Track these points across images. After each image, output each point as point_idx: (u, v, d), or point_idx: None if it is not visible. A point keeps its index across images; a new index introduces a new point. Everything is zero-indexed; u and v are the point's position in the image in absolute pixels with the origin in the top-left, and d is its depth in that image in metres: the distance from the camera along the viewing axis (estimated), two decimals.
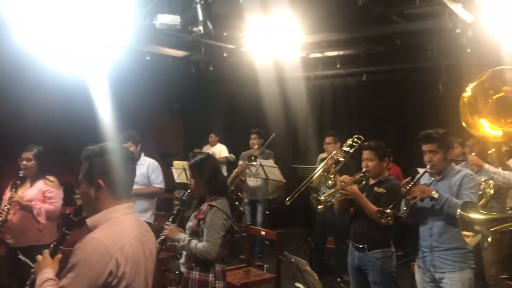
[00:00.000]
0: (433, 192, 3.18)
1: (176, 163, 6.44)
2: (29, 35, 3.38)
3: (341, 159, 5.05)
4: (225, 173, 7.37)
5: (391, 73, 8.03)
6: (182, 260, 3.31)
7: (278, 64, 7.41)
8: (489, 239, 1.67)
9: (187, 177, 5.72)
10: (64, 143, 6.43)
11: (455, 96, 4.79)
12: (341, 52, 7.95)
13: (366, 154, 3.80)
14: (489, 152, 4.12)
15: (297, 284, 4.30)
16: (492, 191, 4.05)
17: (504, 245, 4.31)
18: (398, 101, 8.00)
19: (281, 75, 8.06)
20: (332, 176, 4.80)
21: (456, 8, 5.02)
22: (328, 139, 5.66)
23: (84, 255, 1.79)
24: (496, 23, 5.18)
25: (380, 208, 3.47)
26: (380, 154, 3.79)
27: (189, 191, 3.39)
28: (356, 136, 5.11)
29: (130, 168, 2.04)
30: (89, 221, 1.93)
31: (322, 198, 4.00)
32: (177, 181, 6.42)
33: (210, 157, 3.49)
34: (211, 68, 7.96)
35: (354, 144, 5.05)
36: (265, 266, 5.89)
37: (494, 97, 3.85)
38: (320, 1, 4.87)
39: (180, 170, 6.24)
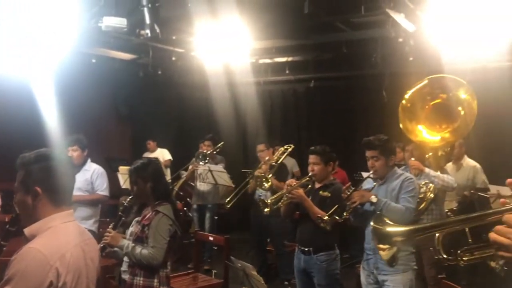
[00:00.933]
0: (372, 197, 3.29)
1: (122, 168, 6.31)
2: None
3: (274, 163, 5.35)
4: (169, 176, 7.27)
5: (338, 79, 8.24)
6: (123, 268, 3.25)
7: (228, 69, 7.42)
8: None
9: None
10: (5, 148, 6.15)
11: (398, 102, 4.96)
12: (290, 58, 8.08)
13: (312, 158, 3.89)
14: (427, 156, 4.29)
15: None
16: (432, 195, 4.22)
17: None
18: (344, 107, 8.22)
19: (231, 80, 8.08)
20: (269, 179, 5.02)
21: (399, 18, 5.22)
22: (261, 147, 5.77)
23: (22, 266, 1.71)
24: (436, 33, 5.44)
25: (319, 215, 3.56)
26: (326, 158, 3.90)
27: (131, 197, 3.33)
28: (287, 145, 5.65)
29: (69, 174, 1.98)
30: (27, 230, 1.86)
31: (269, 201, 4.04)
32: (123, 187, 6.29)
33: (152, 161, 3.44)
34: (159, 72, 7.86)
35: (285, 150, 5.53)
36: (214, 271, 5.87)
37: (431, 103, 4.02)
38: (268, 9, 4.92)
39: (126, 176, 6.08)
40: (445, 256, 1.22)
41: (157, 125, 9.13)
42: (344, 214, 3.47)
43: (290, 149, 5.58)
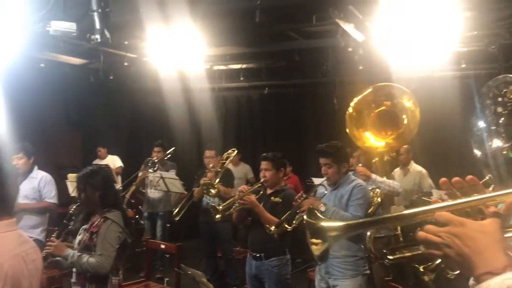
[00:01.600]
0: (321, 205, 3.37)
1: (71, 176, 6.14)
2: None
3: (219, 169, 5.42)
4: (120, 183, 7.15)
5: (291, 87, 8.37)
6: (73, 279, 3.16)
7: (182, 75, 7.39)
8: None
9: None
10: None
11: (348, 110, 5.12)
12: (244, 65, 8.13)
13: (264, 164, 3.94)
14: (373, 161, 4.44)
15: None
16: (379, 199, 4.36)
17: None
18: (297, 114, 8.36)
19: (185, 86, 8.04)
20: (215, 186, 5.08)
21: (348, 28, 5.36)
22: (208, 153, 5.79)
23: None
24: (384, 43, 5.63)
25: (266, 225, 3.61)
26: (277, 164, 3.95)
27: (77, 204, 3.26)
28: (231, 149, 5.77)
29: (9, 183, 1.93)
30: None
31: (220, 207, 4.06)
32: (72, 194, 6.11)
33: (102, 168, 3.40)
34: (111, 77, 7.72)
35: (229, 156, 5.64)
36: (166, 279, 5.80)
37: (376, 111, 4.17)
38: (221, 16, 4.95)
39: (75, 183, 5.94)
40: (373, 254, 1.23)
41: (108, 131, 8.96)
42: (294, 222, 3.53)
43: (234, 154, 5.71)
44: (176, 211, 5.73)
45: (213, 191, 5.04)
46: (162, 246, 4.61)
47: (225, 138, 8.59)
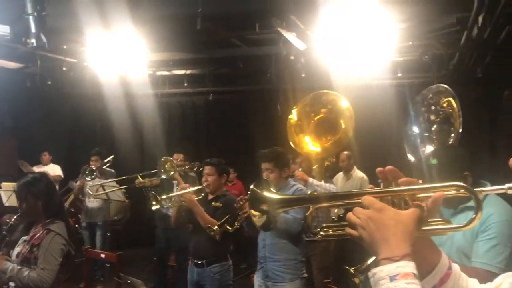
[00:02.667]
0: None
1: (5, 184, 5.87)
2: None
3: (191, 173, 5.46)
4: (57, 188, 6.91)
5: (235, 93, 8.41)
6: None
7: (124, 80, 7.26)
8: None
9: None
10: None
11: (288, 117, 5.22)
12: (188, 71, 8.09)
13: (207, 169, 3.96)
14: (314, 167, 4.55)
15: None
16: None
17: (329, 253, 4.77)
18: (242, 120, 8.41)
19: (127, 91, 7.90)
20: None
21: (290, 37, 5.48)
22: (178, 156, 5.77)
23: None
24: (325, 52, 5.79)
25: (209, 225, 3.61)
26: (220, 170, 3.97)
27: (18, 214, 3.09)
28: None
29: None
30: None
31: (163, 197, 4.02)
32: (6, 204, 5.84)
33: (44, 176, 3.20)
34: (49, 82, 7.45)
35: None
36: None
37: (316, 118, 4.29)
38: (163, 21, 4.92)
39: (9, 193, 5.68)
40: (310, 233, 1.29)
41: (47, 138, 8.60)
42: (235, 224, 3.55)
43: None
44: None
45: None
46: (102, 256, 4.47)
47: (168, 145, 8.48)
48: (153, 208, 4.07)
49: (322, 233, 1.24)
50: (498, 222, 2.02)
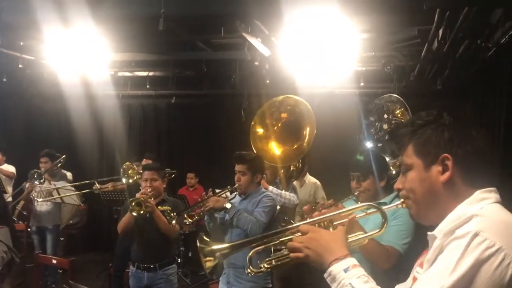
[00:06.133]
0: (227, 204, 3.37)
1: None
2: None
3: None
4: (10, 193, 6.64)
5: (199, 97, 8.33)
6: None
7: (85, 80, 7.06)
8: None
9: None
10: None
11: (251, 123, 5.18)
12: (151, 73, 7.96)
13: (147, 174, 3.91)
14: (281, 172, 4.53)
15: None
16: (278, 207, 4.43)
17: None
18: (205, 124, 8.34)
19: (87, 92, 7.69)
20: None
21: (255, 42, 5.45)
22: (147, 162, 5.77)
23: None
24: (289, 59, 5.80)
25: (167, 209, 3.70)
26: (163, 174, 4.01)
27: None
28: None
29: None
30: None
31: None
32: None
33: None
34: (4, 79, 7.16)
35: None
36: None
37: (278, 124, 4.28)
38: (125, 21, 4.78)
39: None
40: (251, 269, 1.54)
41: (1, 138, 8.26)
42: (196, 217, 3.63)
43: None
44: None
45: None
46: (54, 261, 4.30)
47: (129, 147, 8.30)
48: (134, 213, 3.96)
49: (266, 265, 1.49)
50: (405, 213, 2.29)
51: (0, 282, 2.76)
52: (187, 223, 3.83)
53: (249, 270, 1.52)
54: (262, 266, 1.50)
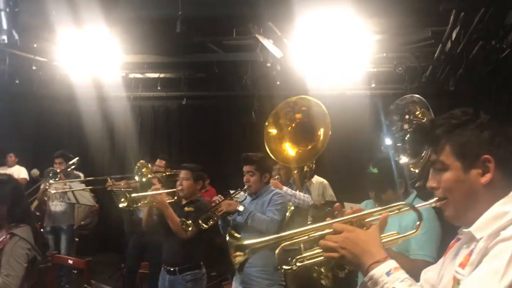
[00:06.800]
0: (239, 206, 3.38)
1: None
2: None
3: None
4: None
5: (209, 98, 8.35)
6: None
7: (96, 82, 7.10)
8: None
9: None
10: None
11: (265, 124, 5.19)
12: (162, 75, 7.99)
13: (183, 173, 3.93)
14: (294, 173, 4.52)
15: None
16: (292, 208, 4.43)
17: None
18: (216, 126, 8.35)
19: (99, 93, 7.74)
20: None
21: (267, 43, 5.46)
22: (160, 163, 5.81)
23: None
24: (301, 61, 5.81)
25: (183, 219, 3.58)
26: (196, 175, 3.95)
27: None
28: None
29: None
30: None
31: (133, 195, 3.94)
32: None
33: (11, 179, 3.07)
34: (17, 81, 7.21)
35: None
36: None
37: (293, 124, 4.27)
38: (140, 23, 4.81)
39: None
40: (283, 266, 1.48)
41: (13, 139, 8.32)
42: (210, 222, 3.51)
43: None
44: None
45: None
46: (70, 262, 4.33)
47: (139, 149, 8.34)
48: (121, 205, 3.98)
49: (298, 264, 1.45)
50: (426, 220, 2.30)
51: (26, 279, 2.80)
52: (203, 228, 3.78)
53: (281, 267, 1.49)
54: (293, 263, 1.45)
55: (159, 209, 3.77)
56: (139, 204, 3.89)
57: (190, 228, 3.55)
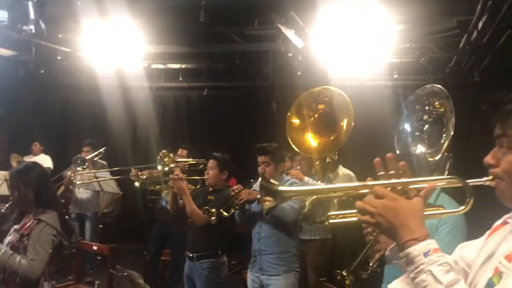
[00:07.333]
0: (258, 195, 3.41)
1: None
2: None
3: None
4: None
5: (230, 89, 8.37)
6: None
7: (119, 72, 7.18)
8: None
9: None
10: None
11: (286, 114, 5.19)
12: (183, 65, 8.04)
13: (210, 163, 4.00)
14: (317, 163, 4.51)
15: None
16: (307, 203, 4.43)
17: (326, 250, 4.74)
18: (236, 117, 8.37)
19: (121, 84, 7.83)
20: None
21: (289, 33, 5.45)
22: (182, 152, 5.85)
23: None
24: (322, 51, 5.78)
25: (207, 207, 3.62)
26: (222, 165, 3.99)
27: (10, 203, 3.04)
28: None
29: None
30: None
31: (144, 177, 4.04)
32: None
33: (36, 165, 3.14)
34: (42, 71, 7.34)
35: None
36: (97, 282, 5.58)
37: (315, 115, 4.26)
38: (162, 13, 4.86)
39: (0, 181, 5.59)
40: (315, 219, 1.47)
41: (37, 128, 8.49)
42: (231, 210, 3.55)
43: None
44: None
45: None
46: (95, 248, 4.44)
47: (161, 139, 8.43)
48: (136, 184, 4.29)
49: (330, 220, 1.40)
50: (450, 218, 2.28)
51: (51, 263, 2.87)
52: (224, 217, 3.83)
53: (313, 220, 1.50)
54: (325, 219, 1.40)
55: (179, 195, 3.85)
56: (157, 187, 3.96)
57: (213, 218, 3.58)
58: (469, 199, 1.28)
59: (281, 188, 1.42)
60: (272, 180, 1.49)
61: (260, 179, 3.70)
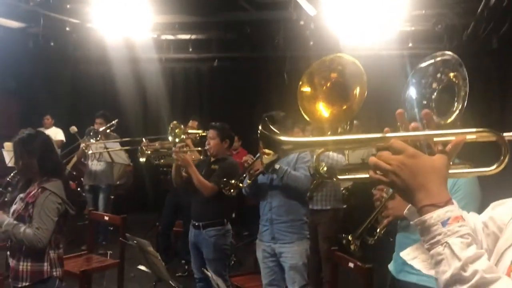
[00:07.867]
0: (276, 165, 3.37)
1: (7, 144, 5.77)
2: None
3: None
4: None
5: (241, 60, 8.26)
6: (8, 252, 2.93)
7: (128, 43, 7.11)
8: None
9: None
10: None
11: (298, 84, 5.10)
12: (193, 36, 7.93)
13: (210, 133, 3.98)
14: (328, 134, 4.44)
15: (140, 267, 4.23)
16: (325, 168, 4.38)
17: (338, 220, 4.72)
18: (247, 88, 8.28)
19: (131, 55, 7.76)
20: None
21: (301, 0, 5.32)
22: (193, 124, 5.83)
23: None
24: (336, 18, 5.64)
25: (225, 179, 3.55)
26: (222, 135, 3.95)
27: (14, 172, 3.02)
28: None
29: None
30: None
31: (148, 152, 4.16)
32: (9, 165, 5.76)
33: (40, 133, 3.07)
34: (52, 43, 7.29)
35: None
36: (109, 252, 5.64)
37: (328, 83, 4.16)
38: None
39: (12, 153, 5.60)
40: (321, 173, 1.30)
41: (49, 101, 8.50)
42: (248, 181, 3.52)
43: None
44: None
45: None
46: (106, 218, 4.45)
47: (171, 110, 8.39)
48: (141, 160, 4.24)
49: (339, 176, 1.22)
50: (465, 182, 2.25)
51: (59, 232, 2.86)
52: (243, 186, 3.79)
53: (320, 175, 1.31)
54: (335, 175, 1.22)
55: (183, 167, 3.85)
56: (162, 161, 3.95)
57: (232, 190, 3.55)
58: (503, 157, 1.07)
59: (283, 138, 1.20)
60: (270, 125, 1.24)
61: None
